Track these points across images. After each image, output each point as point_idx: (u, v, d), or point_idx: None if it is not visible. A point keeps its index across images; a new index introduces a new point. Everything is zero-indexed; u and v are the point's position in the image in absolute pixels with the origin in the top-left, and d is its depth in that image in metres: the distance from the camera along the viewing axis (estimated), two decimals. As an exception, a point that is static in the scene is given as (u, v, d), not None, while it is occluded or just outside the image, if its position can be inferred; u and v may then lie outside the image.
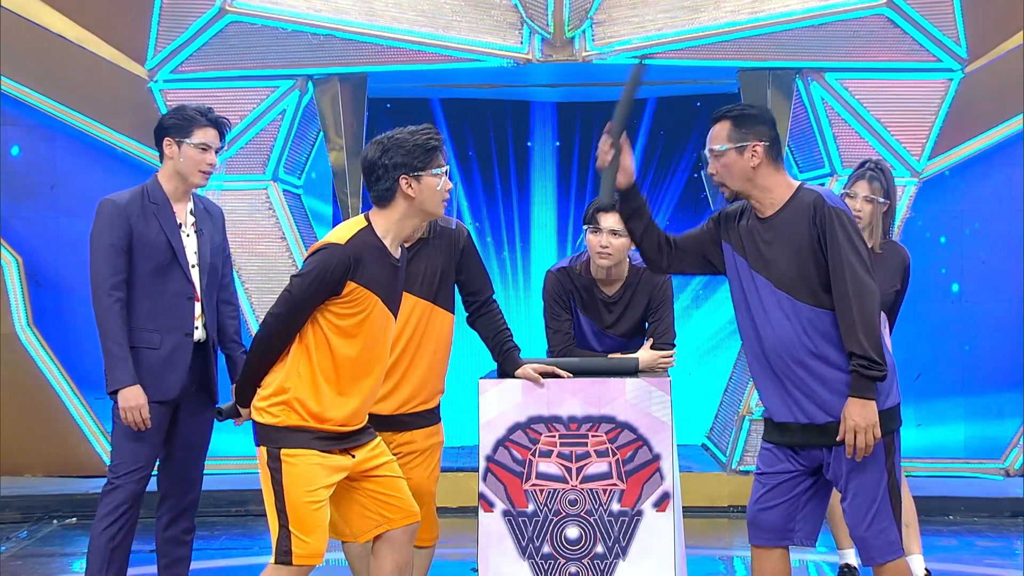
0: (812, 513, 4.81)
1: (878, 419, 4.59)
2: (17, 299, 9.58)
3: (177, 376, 5.50)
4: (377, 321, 4.63)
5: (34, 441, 9.64)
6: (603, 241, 5.91)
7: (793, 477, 4.77)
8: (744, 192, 4.76)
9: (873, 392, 4.58)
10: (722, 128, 4.76)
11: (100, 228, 5.47)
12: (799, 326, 4.65)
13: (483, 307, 5.44)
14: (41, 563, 7.81)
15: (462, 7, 9.42)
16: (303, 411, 4.58)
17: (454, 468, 8.50)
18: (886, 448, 4.66)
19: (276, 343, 4.61)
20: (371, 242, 4.62)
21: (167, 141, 5.54)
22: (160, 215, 5.50)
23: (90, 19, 9.56)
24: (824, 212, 4.63)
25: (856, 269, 4.59)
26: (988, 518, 8.79)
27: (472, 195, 10.66)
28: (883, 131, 9.39)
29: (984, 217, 9.61)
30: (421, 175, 4.63)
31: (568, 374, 5.27)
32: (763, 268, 4.71)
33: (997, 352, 9.60)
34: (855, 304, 4.57)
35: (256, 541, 7.98)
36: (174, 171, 5.55)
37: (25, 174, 9.63)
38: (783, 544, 4.80)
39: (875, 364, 4.55)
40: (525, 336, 5.62)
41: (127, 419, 5.41)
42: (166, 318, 5.49)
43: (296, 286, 4.57)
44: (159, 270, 5.48)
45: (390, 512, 4.76)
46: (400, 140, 4.65)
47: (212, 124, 5.56)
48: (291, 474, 4.56)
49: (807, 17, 9.32)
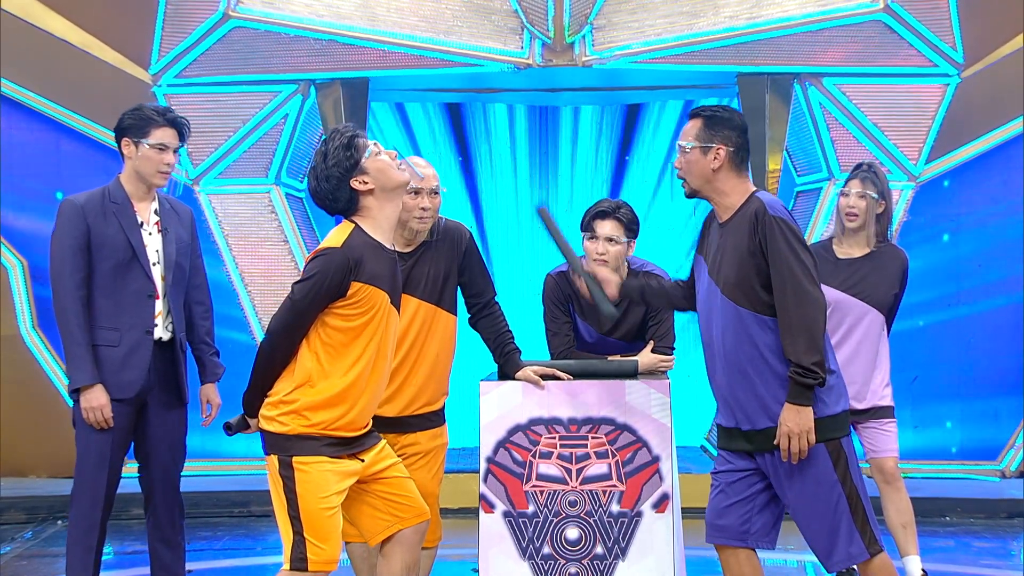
0: (768, 515, 4.83)
1: (812, 425, 4.62)
2: (22, 301, 9.61)
3: (136, 374, 5.50)
4: (381, 318, 4.65)
5: (38, 442, 9.66)
6: (600, 248, 5.93)
7: (746, 476, 4.82)
8: (702, 192, 4.83)
9: (808, 399, 4.61)
10: (693, 125, 4.83)
11: (60, 228, 5.51)
12: (742, 331, 4.69)
13: (485, 309, 5.48)
14: (45, 563, 7.83)
15: (463, 12, 9.46)
16: (313, 418, 4.59)
17: (455, 469, 8.52)
18: (832, 456, 4.68)
19: (281, 351, 4.62)
20: (366, 240, 4.64)
21: (125, 141, 5.55)
22: (120, 214, 5.51)
23: (94, 23, 9.58)
24: (765, 221, 4.66)
25: (798, 278, 4.61)
26: (985, 519, 8.81)
27: (472, 197, 10.69)
28: (880, 136, 9.43)
29: (981, 221, 9.64)
30: (364, 166, 4.63)
31: (568, 376, 5.31)
32: (715, 273, 4.77)
33: (994, 354, 9.62)
34: (794, 312, 4.60)
35: (259, 542, 8.01)
36: (133, 171, 5.57)
37: (29, 177, 9.66)
38: (743, 545, 4.84)
39: (809, 372, 4.58)
40: (524, 338, 5.65)
41: (89, 419, 5.45)
42: (126, 316, 5.49)
43: (298, 292, 4.58)
44: (118, 268, 5.49)
45: (401, 512, 4.78)
46: (322, 158, 4.65)
47: (170, 124, 5.55)
48: (304, 481, 4.57)
49: (805, 22, 9.36)
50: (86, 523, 5.54)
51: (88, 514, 5.54)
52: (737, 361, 4.71)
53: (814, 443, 4.63)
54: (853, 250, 6.29)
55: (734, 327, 4.70)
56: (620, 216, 5.96)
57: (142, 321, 5.52)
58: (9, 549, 8.07)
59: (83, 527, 5.54)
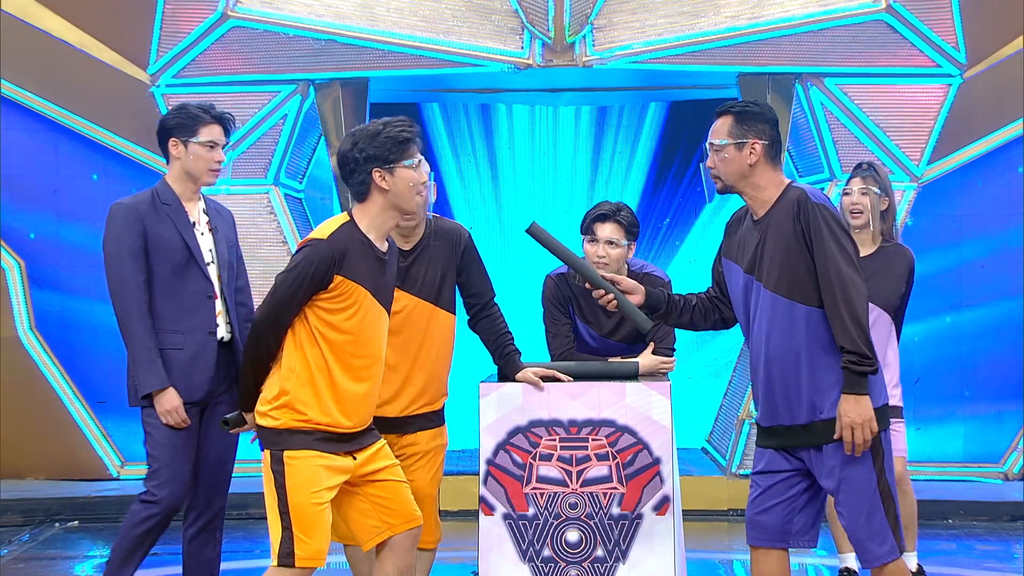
0: (810, 514, 4.80)
1: (873, 414, 4.58)
2: (19, 303, 9.60)
3: (204, 376, 5.42)
4: (368, 315, 4.63)
5: (36, 444, 9.66)
6: (600, 251, 5.92)
7: (788, 477, 4.77)
8: (737, 189, 4.78)
9: (865, 387, 4.58)
10: (724, 123, 4.78)
11: (115, 232, 5.38)
12: (788, 325, 4.65)
13: (484, 310, 5.46)
14: (43, 566, 7.82)
15: (463, 12, 9.45)
16: (303, 411, 4.58)
17: (454, 472, 8.51)
18: (872, 449, 4.64)
19: (266, 343, 4.61)
20: (355, 236, 4.62)
21: (173, 142, 5.46)
22: (173, 215, 5.42)
23: (92, 24, 9.58)
24: (808, 208, 4.63)
25: (841, 264, 4.59)
26: (987, 522, 8.80)
27: (472, 199, 10.67)
28: (882, 136, 9.41)
29: (983, 222, 9.62)
30: (394, 167, 4.62)
31: (568, 378, 5.28)
32: (755, 270, 4.72)
33: (996, 356, 9.62)
34: (842, 299, 4.57)
35: (256, 544, 7.99)
36: (182, 172, 5.47)
37: (27, 178, 9.65)
38: (781, 546, 4.80)
39: (865, 359, 4.55)
40: (524, 340, 5.63)
41: (168, 421, 5.34)
42: (188, 318, 5.42)
43: (281, 283, 4.57)
44: (177, 270, 5.41)
45: (391, 517, 4.76)
46: (372, 132, 4.63)
47: (217, 120, 5.48)
48: (294, 476, 4.57)
49: (807, 22, 9.34)
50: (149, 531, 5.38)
51: (151, 522, 5.37)
52: (781, 356, 4.66)
53: (876, 433, 4.59)
54: (859, 249, 6.24)
55: (780, 321, 4.66)
56: (620, 219, 5.95)
57: (204, 323, 5.44)
58: (6, 552, 8.05)
59: (143, 538, 5.38)
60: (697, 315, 5.02)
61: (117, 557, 5.41)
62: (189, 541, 5.57)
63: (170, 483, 5.36)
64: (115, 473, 9.65)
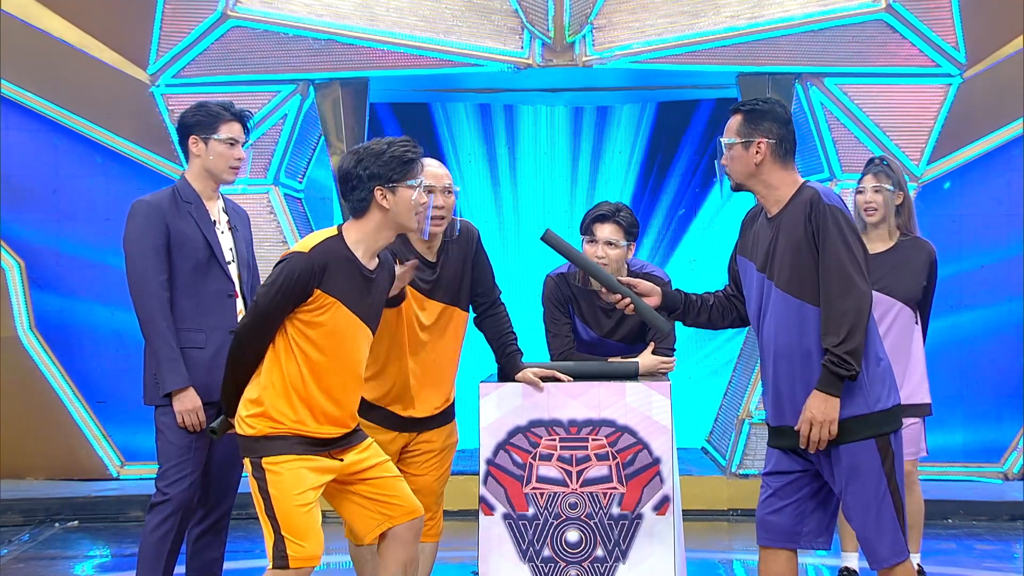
0: (821, 515, 4.80)
1: (837, 416, 4.57)
2: (19, 302, 9.60)
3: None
4: (344, 332, 4.63)
5: (36, 444, 9.66)
6: (599, 252, 5.91)
7: (798, 479, 4.77)
8: (748, 186, 4.79)
9: (838, 389, 4.56)
10: (734, 121, 4.79)
11: (137, 230, 5.35)
12: (798, 324, 4.65)
13: (491, 308, 5.47)
14: (43, 566, 7.82)
15: (463, 12, 9.45)
16: (280, 418, 4.59)
17: (455, 471, 8.49)
18: (880, 451, 4.63)
19: (247, 353, 4.63)
20: (339, 251, 4.62)
21: (192, 139, 5.44)
22: (195, 213, 5.40)
23: (92, 24, 9.58)
24: (819, 209, 4.63)
25: (846, 267, 4.58)
26: (987, 521, 8.80)
27: (471, 199, 10.67)
28: (882, 136, 9.41)
29: (983, 222, 9.62)
30: (396, 187, 4.62)
31: (568, 378, 5.29)
32: (767, 268, 4.72)
33: (996, 356, 9.62)
34: (836, 300, 4.56)
35: (257, 544, 7.97)
36: (203, 169, 5.45)
37: (27, 178, 9.65)
38: (791, 546, 4.80)
39: (844, 362, 4.54)
40: (524, 340, 5.63)
41: (184, 422, 5.32)
42: (210, 317, 5.39)
43: (261, 296, 4.59)
44: (199, 268, 5.38)
45: (390, 511, 4.77)
46: (376, 151, 4.63)
47: (236, 118, 5.47)
48: (276, 482, 4.58)
49: (807, 22, 9.35)
50: (166, 533, 5.35)
51: (168, 524, 5.34)
52: (790, 355, 4.66)
53: (834, 435, 4.59)
54: (876, 244, 6.24)
55: (789, 321, 4.66)
56: (620, 219, 5.94)
57: (225, 321, 5.40)
58: (6, 552, 8.05)
59: (164, 541, 5.35)
60: (715, 314, 5.02)
61: (144, 569, 5.35)
62: (194, 541, 5.56)
63: (180, 481, 5.34)
64: (115, 473, 9.65)
